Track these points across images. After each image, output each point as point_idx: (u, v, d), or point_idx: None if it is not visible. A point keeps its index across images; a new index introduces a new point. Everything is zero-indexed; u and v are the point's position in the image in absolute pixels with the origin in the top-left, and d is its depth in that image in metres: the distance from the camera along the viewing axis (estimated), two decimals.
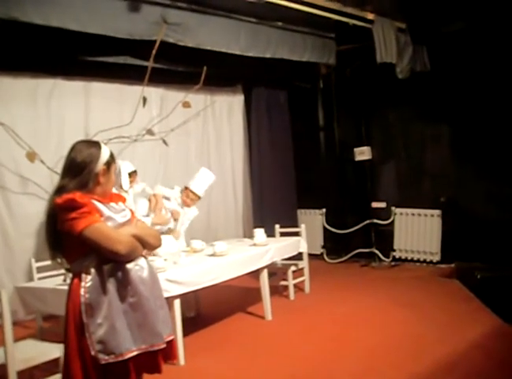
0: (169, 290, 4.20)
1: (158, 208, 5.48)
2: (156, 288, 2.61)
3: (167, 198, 5.77)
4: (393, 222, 8.14)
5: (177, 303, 4.36)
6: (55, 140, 6.23)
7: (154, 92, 7.18)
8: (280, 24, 6.45)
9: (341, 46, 7.31)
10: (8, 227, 5.91)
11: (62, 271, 3.94)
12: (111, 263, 2.44)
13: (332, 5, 6.18)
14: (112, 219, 2.49)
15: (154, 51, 5.67)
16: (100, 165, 2.52)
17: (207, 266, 4.75)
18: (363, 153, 8.30)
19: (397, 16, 6.73)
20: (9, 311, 3.37)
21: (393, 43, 6.48)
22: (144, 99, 6.29)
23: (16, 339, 4.11)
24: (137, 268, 2.52)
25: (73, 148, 2.54)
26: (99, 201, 2.48)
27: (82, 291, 2.40)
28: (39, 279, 4.94)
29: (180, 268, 4.56)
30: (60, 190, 2.44)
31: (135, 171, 5.47)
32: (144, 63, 6.01)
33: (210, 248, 5.28)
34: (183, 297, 4.55)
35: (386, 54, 6.45)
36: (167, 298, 4.12)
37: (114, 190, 4.98)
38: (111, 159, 2.60)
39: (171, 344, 2.64)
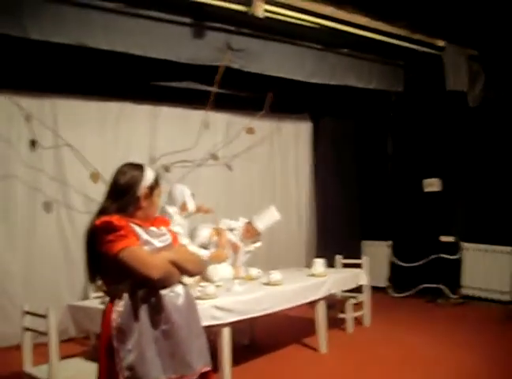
0: (218, 317, 4.13)
1: (221, 244, 5.43)
2: (192, 317, 2.53)
3: (231, 230, 5.73)
4: (461, 257, 7.75)
5: (226, 331, 4.27)
6: (120, 162, 6.30)
7: (220, 118, 7.24)
8: (346, 50, 6.36)
9: (410, 74, 7.11)
10: (71, 245, 6.05)
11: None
12: (145, 288, 2.40)
13: (400, 31, 6.03)
14: (150, 243, 2.45)
15: (218, 77, 5.71)
16: (143, 188, 2.50)
17: (259, 295, 4.64)
18: (432, 185, 8.01)
19: (469, 43, 6.49)
20: (55, 329, 3.39)
21: (464, 71, 6.24)
22: (207, 124, 6.32)
23: (68, 356, 4.18)
24: (172, 294, 2.46)
25: (117, 171, 2.55)
26: (138, 225, 2.45)
27: (114, 316, 2.37)
28: (95, 298, 4.99)
29: (231, 295, 4.48)
30: (101, 212, 2.43)
31: (193, 194, 5.50)
32: (209, 88, 6.06)
33: (266, 276, 5.19)
34: (238, 324, 4.46)
35: (457, 82, 6.23)
36: (214, 326, 4.14)
37: (173, 211, 5.19)
38: (155, 183, 2.57)
39: (207, 376, 2.56)
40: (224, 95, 6.41)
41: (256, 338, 5.91)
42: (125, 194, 2.45)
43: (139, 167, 2.56)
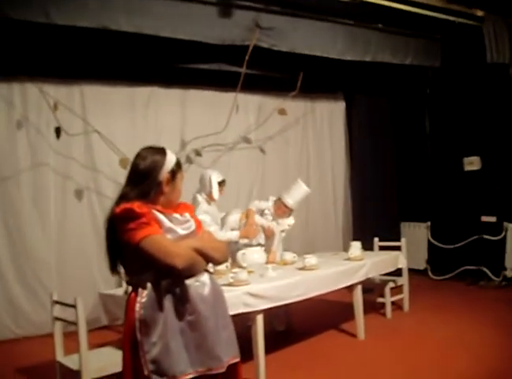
0: (251, 304, 4.01)
1: (248, 222, 5.28)
2: (219, 307, 2.41)
3: (262, 211, 5.57)
4: (504, 238, 7.45)
5: (259, 319, 4.14)
6: None
7: (251, 99, 7.11)
8: (380, 25, 6.11)
9: (448, 48, 6.81)
10: (103, 231, 5.96)
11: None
12: (169, 278, 2.28)
13: (436, 2, 5.74)
14: (173, 230, 2.33)
15: (247, 57, 5.56)
16: (164, 173, 2.37)
17: (293, 280, 4.49)
18: (472, 163, 7.74)
19: (510, 12, 6.15)
20: (84, 319, 3.33)
21: (506, 42, 5.92)
22: (237, 106, 6.17)
23: (100, 345, 4.14)
24: (198, 284, 2.35)
25: (137, 155, 2.42)
26: (160, 212, 2.33)
27: (137, 307, 2.25)
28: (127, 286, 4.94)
29: (265, 281, 4.35)
30: (121, 199, 2.32)
31: (224, 181, 5.32)
32: (239, 69, 5.92)
33: (301, 261, 5.04)
34: (272, 310, 4.35)
35: (498, 55, 5.92)
36: (247, 313, 4.03)
37: (202, 198, 5.07)
38: (177, 167, 2.43)
39: (235, 367, 2.44)
40: (255, 77, 6.26)
41: (292, 324, 5.79)
42: (146, 179, 2.33)
43: (160, 151, 2.43)
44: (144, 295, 2.27)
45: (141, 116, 6.36)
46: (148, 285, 2.27)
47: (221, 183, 5.24)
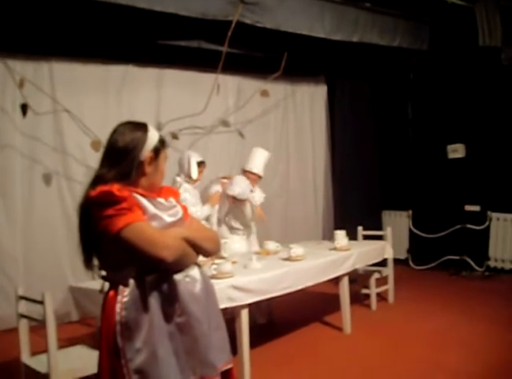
0: (235, 298, 3.73)
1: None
2: (211, 306, 2.10)
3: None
4: (488, 227, 7.33)
5: (244, 314, 3.85)
6: None
7: (230, 80, 6.82)
8: (368, 4, 5.83)
9: (437, 30, 6.58)
10: (74, 220, 5.59)
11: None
12: (154, 273, 1.96)
13: None
14: (158, 217, 2.01)
15: (229, 33, 5.23)
16: (146, 151, 2.04)
17: (280, 272, 4.21)
18: (456, 151, 7.56)
19: None
20: (52, 316, 2.98)
21: (499, 25, 5.70)
22: (218, 87, 5.85)
23: (71, 342, 3.81)
24: (188, 280, 2.03)
25: (115, 131, 2.08)
26: (143, 196, 2.00)
27: (118, 308, 1.92)
28: (100, 278, 4.59)
29: (250, 273, 4.05)
30: (96, 181, 1.98)
31: (203, 162, 5.12)
32: (219, 48, 5.61)
33: (285, 250, 4.76)
34: (255, 303, 4.06)
35: (490, 38, 5.73)
36: (233, 308, 3.73)
37: (184, 181, 4.79)
38: (161, 145, 2.11)
39: (228, 374, 2.14)
40: (235, 56, 5.96)
41: (274, 316, 5.55)
42: (125, 158, 1.99)
43: (141, 126, 2.10)
44: (125, 294, 1.94)
45: (114, 96, 6.01)
46: (131, 282, 1.95)
47: (200, 164, 5.11)
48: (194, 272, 2.07)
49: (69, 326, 5.09)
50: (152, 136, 2.08)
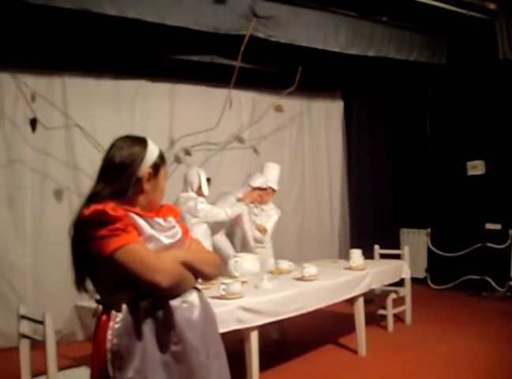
0: (245, 320, 3.61)
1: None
2: (209, 333, 1.97)
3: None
4: (510, 246, 7.11)
5: (254, 336, 3.72)
6: None
7: (244, 96, 6.75)
8: (384, 18, 5.73)
9: (455, 44, 6.46)
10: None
11: None
12: (149, 298, 1.84)
13: None
14: (155, 239, 1.89)
15: (242, 47, 5.14)
16: (145, 167, 1.93)
17: (292, 293, 4.08)
18: (476, 167, 7.40)
19: None
20: (53, 338, 2.89)
21: None
22: (231, 102, 5.78)
23: (75, 363, 3.71)
24: (185, 306, 1.91)
25: (112, 145, 1.97)
26: (139, 215, 1.89)
27: (109, 334, 1.80)
28: None
29: (260, 294, 3.93)
30: (91, 199, 1.88)
31: (209, 179, 5.07)
32: (232, 63, 5.53)
33: (299, 270, 4.63)
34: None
35: (511, 51, 5.55)
36: (240, 330, 3.60)
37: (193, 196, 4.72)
38: (161, 161, 2.00)
39: None
40: (249, 71, 5.89)
41: (287, 333, 5.41)
42: (122, 174, 1.89)
43: (140, 141, 1.99)
44: (118, 320, 1.82)
45: (126, 111, 5.95)
46: (124, 307, 1.83)
47: (208, 181, 5.10)
48: (193, 296, 1.95)
49: (76, 345, 4.99)
50: (152, 152, 1.97)
